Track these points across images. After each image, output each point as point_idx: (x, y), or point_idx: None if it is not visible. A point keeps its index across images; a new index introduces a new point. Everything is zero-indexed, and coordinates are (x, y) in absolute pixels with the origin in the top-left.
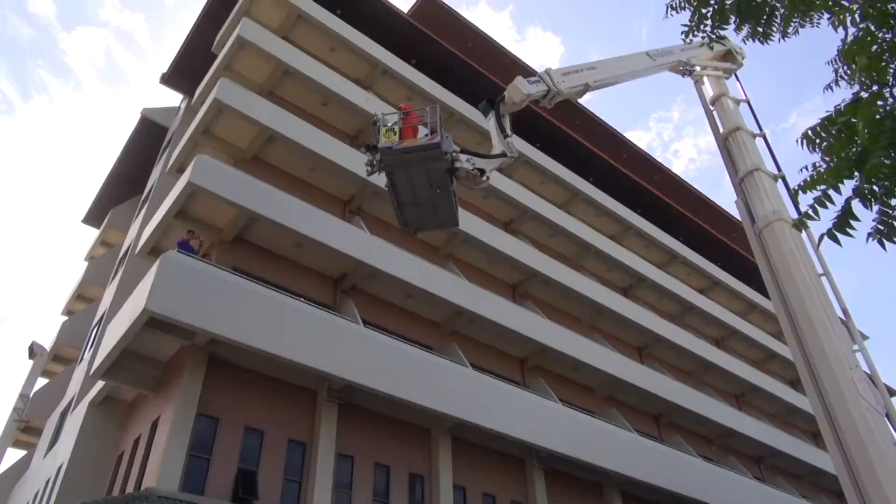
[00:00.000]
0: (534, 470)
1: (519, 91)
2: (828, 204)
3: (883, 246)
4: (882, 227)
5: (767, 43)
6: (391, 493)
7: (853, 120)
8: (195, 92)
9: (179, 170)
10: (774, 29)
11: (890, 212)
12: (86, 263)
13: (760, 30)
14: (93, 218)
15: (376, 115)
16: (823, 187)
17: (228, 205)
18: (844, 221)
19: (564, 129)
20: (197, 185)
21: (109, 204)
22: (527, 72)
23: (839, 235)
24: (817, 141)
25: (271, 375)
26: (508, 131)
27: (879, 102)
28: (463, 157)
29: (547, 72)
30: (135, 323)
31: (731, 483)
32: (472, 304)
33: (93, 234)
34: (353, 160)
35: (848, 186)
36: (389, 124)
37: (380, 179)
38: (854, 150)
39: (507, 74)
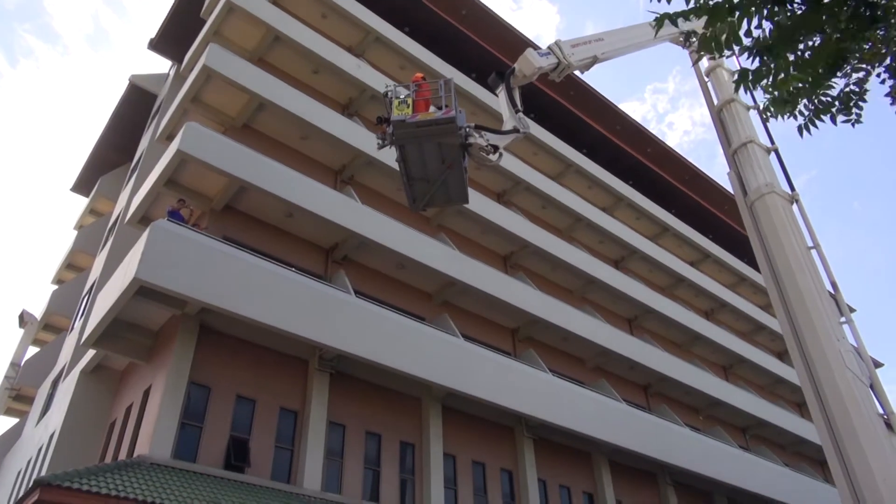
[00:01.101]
0: (523, 439)
1: (530, 64)
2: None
3: (849, 108)
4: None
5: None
6: (382, 460)
7: None
8: (184, 58)
9: (169, 137)
10: None
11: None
12: (75, 232)
13: None
14: (82, 186)
15: (388, 86)
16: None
17: (218, 173)
18: (818, 113)
19: (558, 100)
20: (186, 153)
21: (98, 172)
22: (521, 41)
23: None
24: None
25: (263, 345)
26: (519, 105)
27: None
28: (476, 132)
29: (557, 44)
30: (125, 292)
31: (716, 451)
32: (464, 274)
33: (82, 202)
34: (345, 129)
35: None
36: (402, 96)
37: (384, 153)
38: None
39: (503, 44)
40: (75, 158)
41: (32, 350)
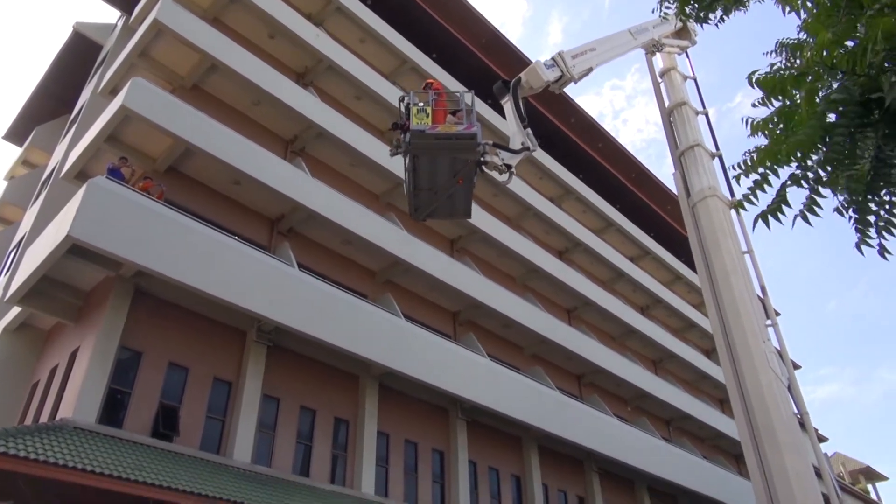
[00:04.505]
0: (457, 420)
1: (539, 78)
2: (765, 187)
3: (807, 220)
4: (805, 211)
5: (704, 24)
6: (315, 435)
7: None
8: (134, 10)
9: (112, 92)
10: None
11: (816, 198)
12: (5, 183)
13: (701, 14)
14: (15, 135)
15: (406, 92)
16: (762, 170)
17: (164, 133)
18: (777, 206)
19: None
20: (131, 109)
21: (34, 121)
22: (483, 25)
23: (770, 219)
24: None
25: (200, 313)
26: (525, 119)
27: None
28: (492, 150)
29: (560, 55)
30: (56, 249)
31: (640, 442)
32: (409, 254)
33: (14, 151)
34: (299, 98)
35: (786, 171)
36: (420, 104)
37: (340, 127)
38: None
39: (466, 24)
40: (10, 104)
41: None
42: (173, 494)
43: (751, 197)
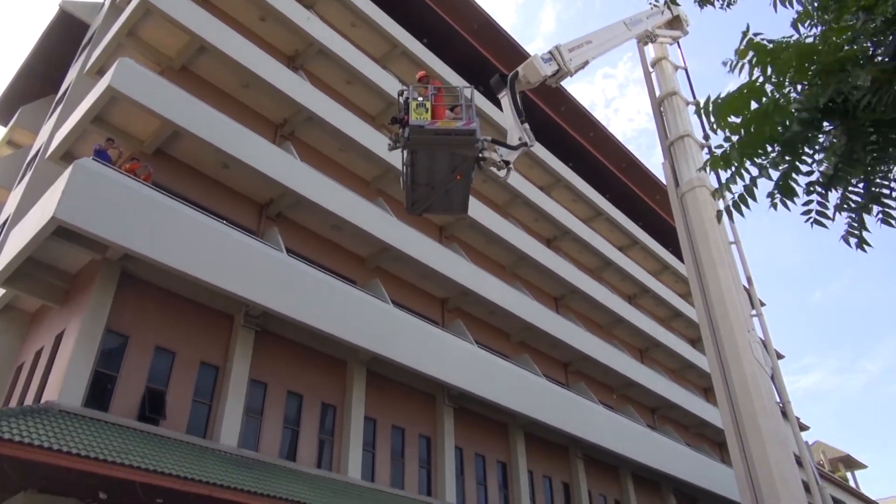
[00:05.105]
0: (444, 407)
1: (536, 72)
2: (737, 180)
3: (785, 205)
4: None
5: (704, 5)
6: (302, 420)
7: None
8: None
9: (99, 72)
10: None
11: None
12: None
13: None
14: (0, 114)
15: (405, 87)
16: (735, 165)
17: (151, 115)
18: (743, 198)
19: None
20: (118, 90)
21: (19, 101)
22: (475, 11)
23: (742, 207)
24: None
25: (187, 297)
26: (523, 114)
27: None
28: (491, 147)
29: (557, 49)
30: (42, 231)
31: (625, 429)
32: (398, 241)
33: None
34: (289, 81)
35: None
36: (420, 99)
37: (330, 112)
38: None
39: (458, 9)
40: None
41: None
42: (160, 477)
43: (724, 192)
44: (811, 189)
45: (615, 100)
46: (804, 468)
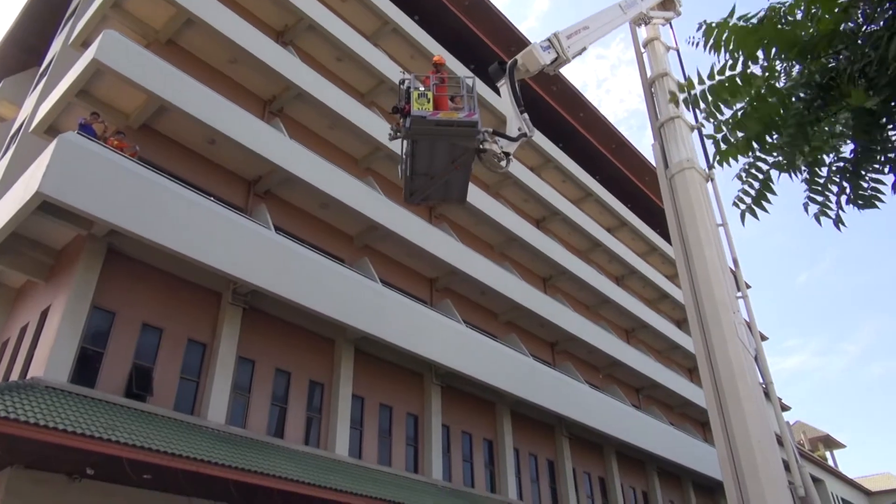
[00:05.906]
0: (431, 385)
1: (535, 60)
2: (745, 177)
3: (755, 215)
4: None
5: None
6: (290, 398)
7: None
8: None
9: (84, 44)
10: None
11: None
12: None
13: None
14: None
15: (406, 75)
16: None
17: (137, 89)
18: (762, 195)
19: (495, 54)
20: (103, 63)
21: (2, 72)
22: None
23: (757, 210)
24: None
25: (174, 274)
26: (522, 103)
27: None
28: (492, 138)
29: (556, 36)
30: (26, 206)
31: (610, 408)
32: (387, 219)
33: None
34: (278, 57)
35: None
36: (422, 89)
37: (321, 91)
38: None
39: None
40: None
41: None
42: (147, 454)
43: (746, 190)
44: (832, 179)
45: (606, 80)
46: (785, 448)
